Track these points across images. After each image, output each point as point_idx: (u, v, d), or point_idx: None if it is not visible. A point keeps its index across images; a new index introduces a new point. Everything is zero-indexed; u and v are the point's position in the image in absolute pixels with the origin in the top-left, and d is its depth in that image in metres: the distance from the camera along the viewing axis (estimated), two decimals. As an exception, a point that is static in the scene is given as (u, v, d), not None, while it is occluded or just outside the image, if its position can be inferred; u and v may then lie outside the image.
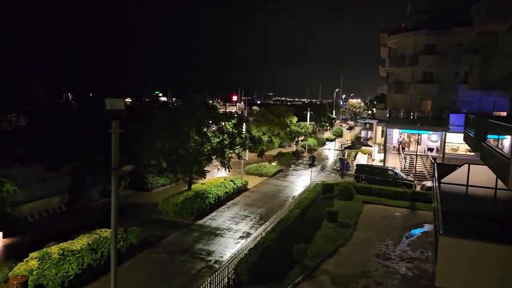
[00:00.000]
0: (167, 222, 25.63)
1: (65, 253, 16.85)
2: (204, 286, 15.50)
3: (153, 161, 27.67)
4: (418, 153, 40.47)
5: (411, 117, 45.20)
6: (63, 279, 15.97)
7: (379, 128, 52.79)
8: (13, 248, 20.33)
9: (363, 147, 57.98)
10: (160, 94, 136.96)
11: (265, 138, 44.72)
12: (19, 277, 14.95)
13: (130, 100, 53.03)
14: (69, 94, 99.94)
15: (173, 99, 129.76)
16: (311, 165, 37.45)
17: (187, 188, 29.32)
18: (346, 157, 48.95)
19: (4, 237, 21.16)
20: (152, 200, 30.14)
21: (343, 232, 24.66)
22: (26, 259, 16.60)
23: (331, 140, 77.49)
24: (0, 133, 19.72)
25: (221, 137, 28.80)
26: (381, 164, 45.50)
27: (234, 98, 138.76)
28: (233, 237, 23.58)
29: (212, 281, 16.02)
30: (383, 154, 47.03)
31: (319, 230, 24.79)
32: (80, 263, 16.83)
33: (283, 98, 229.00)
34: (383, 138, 49.04)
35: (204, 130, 28.38)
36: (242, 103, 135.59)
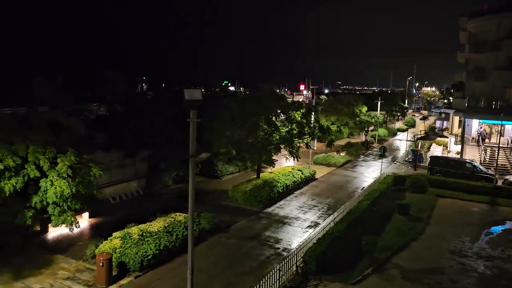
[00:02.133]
0: (236, 209, 26.44)
1: (144, 234, 18.09)
2: (273, 273, 15.87)
3: (223, 149, 28.57)
4: (500, 145, 37.74)
5: (493, 107, 42.15)
6: (142, 258, 17.17)
7: (456, 118, 49.90)
8: (97, 227, 22.19)
9: (438, 138, 55.21)
10: (229, 84, 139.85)
11: (334, 128, 44.19)
12: (104, 254, 16.33)
13: (203, 90, 54.88)
14: (143, 84, 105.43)
15: (241, 88, 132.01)
16: (382, 156, 36.43)
17: (255, 176, 29.98)
18: (419, 148, 46.92)
19: (90, 217, 23.12)
20: (222, 187, 31.18)
21: (414, 226, 23.88)
22: (110, 238, 18.08)
23: (403, 131, 74.53)
24: (84, 121, 21.58)
25: (289, 127, 28.97)
26: (458, 156, 43.05)
27: (302, 87, 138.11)
28: (301, 226, 23.79)
29: (280, 268, 16.36)
30: (460, 146, 44.44)
31: (389, 223, 24.21)
32: (157, 244, 17.96)
33: (352, 87, 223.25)
34: (460, 129, 46.31)
35: (273, 119, 28.71)
36: (309, 92, 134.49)
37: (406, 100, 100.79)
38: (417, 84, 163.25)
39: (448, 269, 18.62)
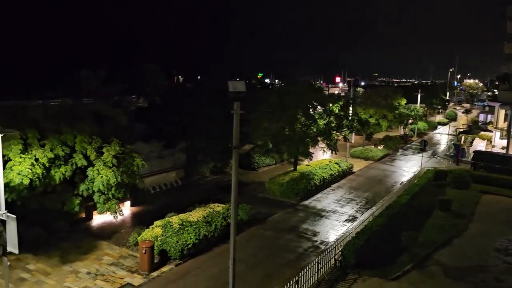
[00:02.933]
0: (273, 201, 26.58)
1: (184, 223, 18.53)
2: (311, 265, 15.92)
3: (260, 141, 28.74)
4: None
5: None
6: (182, 247, 17.61)
7: (502, 111, 47.86)
8: (138, 215, 22.90)
9: (482, 132, 53.17)
10: (264, 76, 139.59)
11: (372, 121, 43.40)
12: (147, 241, 16.87)
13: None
14: (180, 77, 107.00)
15: (275, 80, 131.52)
16: (422, 150, 35.51)
17: (292, 169, 29.97)
18: (461, 142, 45.41)
19: (131, 205, 23.89)
20: (259, 179, 31.37)
21: (457, 222, 23.23)
22: (152, 226, 18.64)
23: (444, 124, 72.25)
24: (125, 113, 22.28)
25: (327, 119, 28.73)
26: (504, 151, 41.35)
27: (337, 79, 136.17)
28: (339, 220, 23.66)
29: (319, 261, 16.38)
30: (506, 140, 42.63)
31: (430, 218, 23.66)
32: (197, 234, 18.36)
33: (389, 79, 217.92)
34: (506, 123, 44.37)
35: (311, 111, 28.56)
36: (345, 84, 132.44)
37: (448, 93, 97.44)
38: (459, 76, 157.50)
39: (493, 267, 18.05)
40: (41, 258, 17.22)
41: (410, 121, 55.81)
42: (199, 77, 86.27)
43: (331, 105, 30.01)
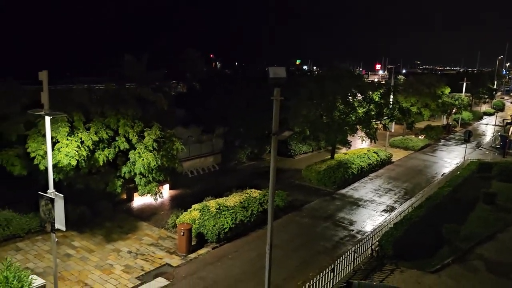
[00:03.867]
0: (310, 188, 26.46)
1: (221, 207, 18.77)
2: (347, 254, 15.78)
3: (298, 128, 28.53)
4: None
5: None
6: (219, 231, 17.88)
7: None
8: (177, 198, 23.41)
9: (532, 124, 50.36)
10: (302, 63, 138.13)
11: (413, 109, 42.10)
12: (185, 224, 17.25)
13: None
14: (218, 63, 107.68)
15: (314, 67, 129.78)
16: (466, 140, 34.10)
17: (329, 157, 29.69)
18: (509, 134, 43.27)
19: (170, 189, 24.44)
20: (295, 166, 31.28)
21: (502, 216, 22.31)
22: (190, 209, 19.01)
23: (490, 114, 69.07)
24: (166, 97, 22.64)
25: (367, 107, 28.13)
26: (555, 144, 39.09)
27: (377, 66, 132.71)
28: (376, 210, 23.28)
29: (355, 250, 16.22)
30: (558, 133, 40.29)
31: (473, 211, 22.86)
32: (234, 218, 18.56)
33: (432, 67, 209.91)
34: (559, 114, 41.86)
35: (350, 99, 28.04)
36: (385, 72, 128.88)
37: (495, 82, 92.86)
38: (507, 64, 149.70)
39: (541, 265, 17.26)
40: (85, 236, 17.99)
41: (453, 110, 53.74)
42: (237, 63, 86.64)
43: (370, 93, 29.31)
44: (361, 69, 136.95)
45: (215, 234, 17.78)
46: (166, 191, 23.79)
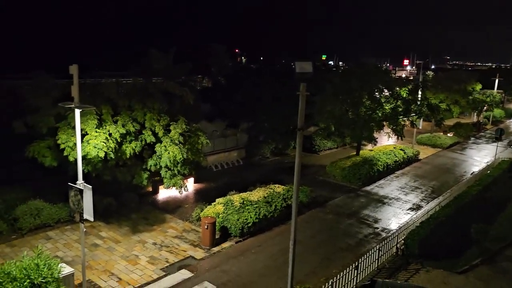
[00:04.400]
0: (334, 184, 26.28)
1: (245, 202, 18.85)
2: (372, 252, 15.61)
3: (323, 124, 28.35)
4: None
5: None
6: (243, 225, 17.97)
7: None
8: (201, 192, 23.64)
9: None
10: (328, 58, 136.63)
11: (442, 106, 41.10)
12: (209, 217, 17.42)
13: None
14: (243, 58, 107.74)
15: (340, 63, 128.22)
16: (497, 139, 33.12)
17: (354, 153, 29.38)
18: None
19: (194, 182, 24.69)
20: (319, 162, 31.11)
21: (534, 218, 21.60)
22: (214, 203, 19.17)
23: (523, 112, 66.79)
24: (191, 92, 22.79)
25: (394, 103, 27.64)
26: None
27: (405, 61, 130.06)
28: (402, 208, 22.92)
29: (380, 248, 16.02)
30: None
31: (503, 212, 22.23)
32: (257, 213, 18.62)
33: (462, 63, 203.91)
34: None
35: (377, 95, 27.63)
36: (413, 67, 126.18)
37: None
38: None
39: None
40: (112, 226, 18.41)
41: (485, 108, 52.22)
42: (262, 58, 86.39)
43: (398, 88, 28.78)
44: (388, 65, 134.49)
45: (239, 229, 17.88)
46: (190, 185, 24.04)
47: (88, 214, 12.43)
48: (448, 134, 42.49)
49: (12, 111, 19.44)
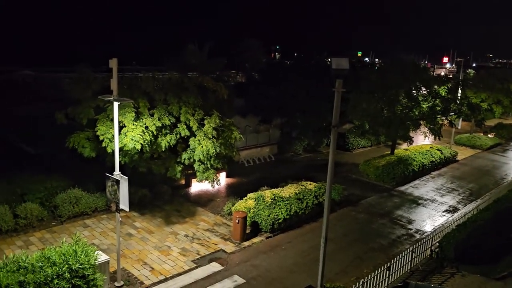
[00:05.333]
0: (367, 183, 25.92)
1: (276, 198, 18.85)
2: (405, 253, 15.30)
3: (357, 121, 27.93)
4: None
5: None
6: (273, 221, 17.98)
7: None
8: (233, 187, 23.85)
9: None
10: (363, 55, 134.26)
11: (484, 106, 39.63)
12: (240, 212, 17.53)
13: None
14: (277, 53, 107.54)
15: (376, 59, 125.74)
16: (542, 141, 31.68)
17: (389, 152, 28.82)
18: None
19: (226, 177, 24.92)
20: (353, 160, 30.74)
21: None
22: (245, 198, 19.27)
23: None
24: (226, 87, 23.04)
25: (432, 102, 26.88)
26: None
27: (445, 59, 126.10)
28: (437, 210, 22.31)
29: (414, 250, 15.67)
30: None
31: (546, 218, 21.20)
32: (288, 209, 18.57)
33: (506, 61, 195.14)
34: None
35: (414, 93, 26.95)
36: (453, 65, 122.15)
37: None
38: None
39: None
40: (146, 217, 18.87)
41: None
42: (295, 53, 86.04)
43: (436, 87, 27.96)
44: (426, 62, 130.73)
45: (269, 224, 17.91)
46: (222, 179, 24.29)
47: (124, 204, 12.80)
48: (489, 135, 40.92)
49: (55, 102, 20.26)
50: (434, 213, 21.79)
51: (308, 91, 29.48)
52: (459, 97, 29.73)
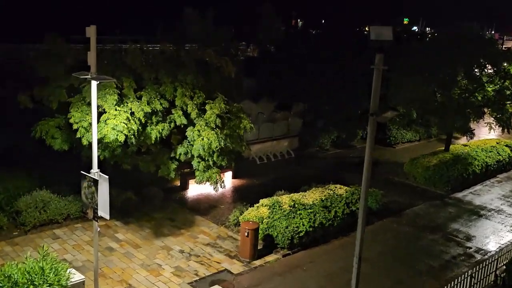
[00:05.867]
0: (413, 188, 25.97)
1: (296, 205, 18.86)
2: (462, 278, 15.21)
3: (402, 109, 27.73)
4: None
5: None
6: (293, 234, 18.00)
7: None
8: (241, 190, 23.97)
9: None
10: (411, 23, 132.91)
11: None
12: (250, 222, 17.57)
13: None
14: (299, 20, 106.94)
15: (427, 29, 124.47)
16: None
17: (443, 148, 28.86)
18: None
19: (233, 177, 25.00)
20: (395, 158, 30.81)
21: None
22: (257, 205, 19.33)
23: None
24: (233, 63, 22.95)
25: (501, 84, 26.62)
26: None
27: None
28: (504, 223, 22.24)
29: (473, 275, 15.59)
30: None
31: None
32: (312, 220, 18.57)
33: None
34: None
35: (476, 72, 26.69)
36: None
37: None
38: None
39: None
40: (131, 227, 19.06)
41: None
42: (323, 21, 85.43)
43: (506, 64, 27.66)
44: (493, 32, 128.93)
45: (287, 238, 17.95)
46: (228, 180, 24.38)
47: (103, 210, 12.87)
48: None
49: (17, 81, 20.42)
50: (500, 228, 21.73)
51: (338, 69, 29.28)
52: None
